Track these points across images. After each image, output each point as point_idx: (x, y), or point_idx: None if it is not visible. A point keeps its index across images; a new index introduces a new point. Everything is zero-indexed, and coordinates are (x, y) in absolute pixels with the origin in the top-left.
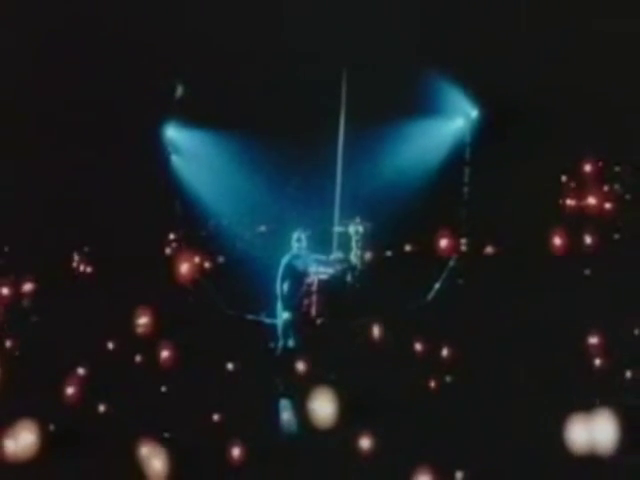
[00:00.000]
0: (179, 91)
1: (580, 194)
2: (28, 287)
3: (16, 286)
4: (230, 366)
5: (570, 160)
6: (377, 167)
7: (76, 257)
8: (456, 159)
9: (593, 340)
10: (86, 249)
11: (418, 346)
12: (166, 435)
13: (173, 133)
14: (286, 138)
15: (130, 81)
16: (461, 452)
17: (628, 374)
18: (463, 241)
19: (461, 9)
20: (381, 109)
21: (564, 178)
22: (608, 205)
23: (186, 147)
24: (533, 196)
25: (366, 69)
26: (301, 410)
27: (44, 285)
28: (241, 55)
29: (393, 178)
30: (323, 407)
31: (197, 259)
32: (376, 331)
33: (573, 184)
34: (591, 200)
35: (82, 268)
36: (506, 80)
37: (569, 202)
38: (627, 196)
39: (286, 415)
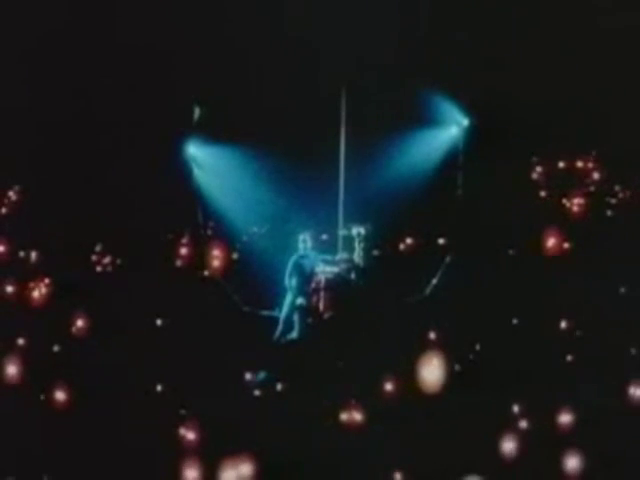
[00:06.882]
0: (197, 113)
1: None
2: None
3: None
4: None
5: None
6: (378, 173)
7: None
8: (450, 164)
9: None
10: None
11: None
12: None
13: (194, 149)
14: (295, 151)
15: (156, 101)
16: None
17: None
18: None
19: (452, 26)
20: (381, 120)
21: (539, 177)
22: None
23: (207, 162)
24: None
25: (366, 84)
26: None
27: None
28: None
29: (393, 183)
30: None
31: (214, 259)
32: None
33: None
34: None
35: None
36: (495, 92)
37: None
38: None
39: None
